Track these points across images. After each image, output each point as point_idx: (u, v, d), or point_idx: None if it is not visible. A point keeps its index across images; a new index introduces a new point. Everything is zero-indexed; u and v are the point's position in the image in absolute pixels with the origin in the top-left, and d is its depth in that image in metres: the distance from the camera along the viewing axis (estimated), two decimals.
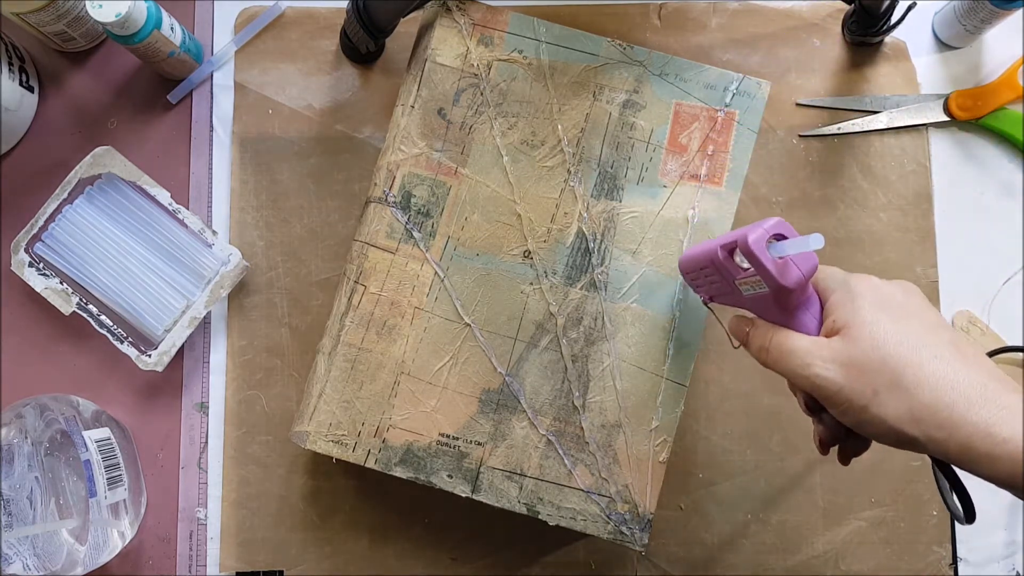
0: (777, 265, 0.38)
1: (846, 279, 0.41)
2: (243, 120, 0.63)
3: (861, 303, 0.39)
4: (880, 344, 0.37)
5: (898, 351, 0.37)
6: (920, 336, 0.38)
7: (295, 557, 0.59)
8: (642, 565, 0.59)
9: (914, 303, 0.40)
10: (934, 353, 0.37)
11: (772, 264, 0.38)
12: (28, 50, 0.64)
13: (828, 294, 0.41)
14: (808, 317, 0.41)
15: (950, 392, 0.36)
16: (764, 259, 0.38)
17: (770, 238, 0.39)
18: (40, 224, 0.59)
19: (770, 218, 0.39)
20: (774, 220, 0.39)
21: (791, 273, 0.38)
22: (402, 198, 0.53)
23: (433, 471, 0.51)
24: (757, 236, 0.38)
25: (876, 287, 0.40)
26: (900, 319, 0.38)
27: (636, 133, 0.53)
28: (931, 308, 0.40)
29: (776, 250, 0.38)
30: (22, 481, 0.52)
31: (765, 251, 0.38)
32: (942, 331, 0.39)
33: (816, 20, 0.64)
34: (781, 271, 0.38)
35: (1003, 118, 0.62)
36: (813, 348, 0.39)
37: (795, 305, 0.40)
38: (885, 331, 0.38)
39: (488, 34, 0.54)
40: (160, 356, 0.58)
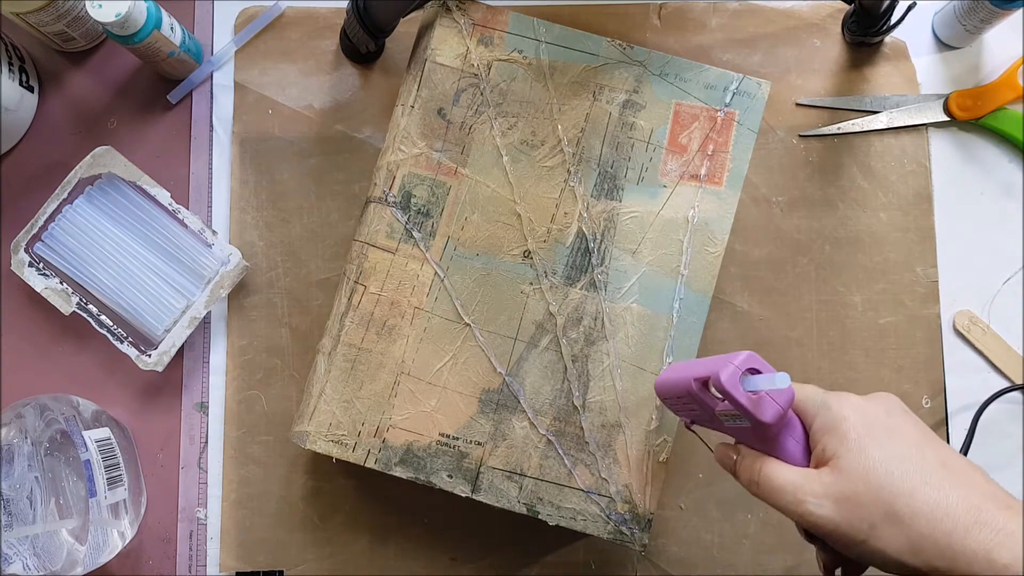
0: (752, 401, 0.38)
1: (826, 400, 0.40)
2: (243, 120, 0.63)
3: (846, 429, 0.38)
4: (871, 475, 0.37)
5: (889, 480, 0.37)
6: (909, 460, 0.37)
7: (295, 557, 0.59)
8: (642, 565, 0.59)
9: (897, 421, 0.39)
10: (924, 479, 0.36)
11: (748, 400, 0.38)
12: (28, 50, 0.64)
13: (810, 419, 0.40)
14: (792, 443, 0.40)
15: (945, 520, 0.35)
16: (740, 397, 0.38)
17: (743, 373, 0.38)
18: (40, 224, 0.59)
19: (740, 352, 0.39)
20: (744, 355, 0.38)
21: (768, 408, 0.38)
22: (402, 198, 0.53)
23: (433, 471, 0.51)
24: (729, 374, 0.38)
25: (858, 408, 0.39)
26: (886, 442, 0.38)
27: (636, 133, 0.53)
28: (914, 422, 0.40)
29: (750, 385, 0.38)
30: (22, 481, 0.52)
31: (739, 388, 0.38)
32: (930, 450, 0.38)
33: (816, 20, 0.64)
34: (758, 406, 0.38)
35: (1003, 118, 0.62)
36: (803, 483, 0.38)
37: (776, 434, 0.40)
38: (874, 460, 0.37)
39: (488, 34, 0.54)
40: (160, 356, 0.58)
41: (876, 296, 0.61)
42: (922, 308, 0.61)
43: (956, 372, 0.61)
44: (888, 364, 0.61)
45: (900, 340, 0.61)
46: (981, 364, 0.61)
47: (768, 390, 0.38)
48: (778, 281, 0.62)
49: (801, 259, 0.62)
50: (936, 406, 0.61)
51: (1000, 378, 0.61)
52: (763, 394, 0.38)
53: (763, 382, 0.37)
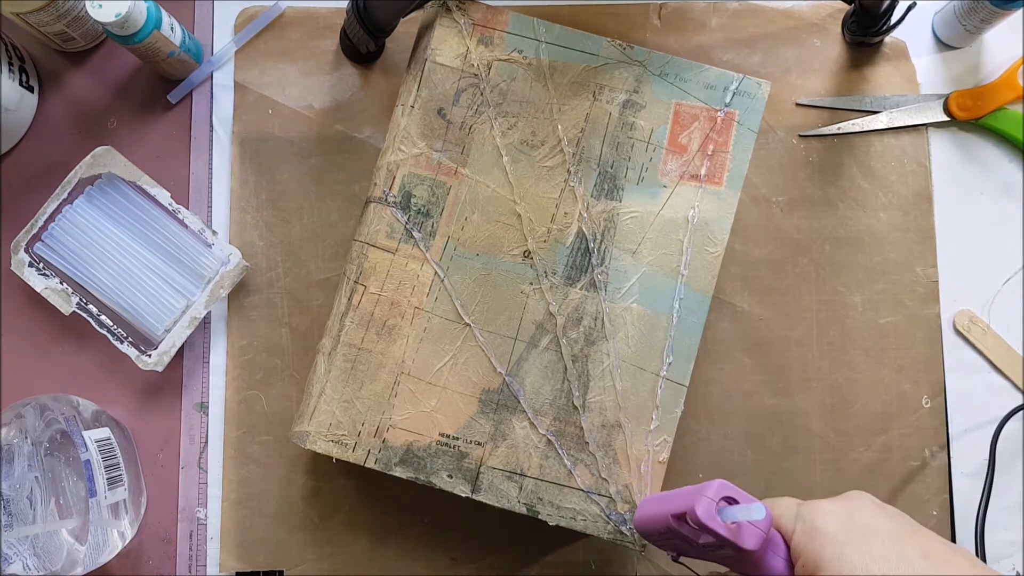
0: (733, 531, 0.38)
1: (800, 513, 0.41)
2: (243, 120, 0.63)
3: (823, 541, 0.39)
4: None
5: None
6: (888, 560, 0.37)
7: (295, 557, 0.59)
8: (642, 565, 0.59)
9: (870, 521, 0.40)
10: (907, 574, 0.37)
11: (728, 531, 0.38)
12: (28, 50, 0.64)
13: (788, 533, 0.41)
14: (777, 561, 0.40)
15: None
16: (719, 529, 0.38)
17: (719, 503, 0.39)
18: (40, 224, 0.59)
19: (711, 483, 0.39)
20: (716, 484, 0.39)
21: (749, 535, 0.38)
22: (402, 198, 0.53)
23: (433, 471, 0.51)
24: (705, 509, 0.38)
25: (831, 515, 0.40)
26: (863, 546, 0.38)
27: (636, 133, 0.53)
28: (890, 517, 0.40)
29: (728, 515, 0.38)
30: (22, 481, 0.52)
31: (717, 521, 0.38)
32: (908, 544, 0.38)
33: (816, 20, 0.64)
34: (739, 535, 0.38)
35: (1003, 118, 0.62)
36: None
37: (760, 556, 0.40)
38: (854, 566, 0.37)
39: (488, 34, 0.54)
40: (160, 356, 0.58)
41: (876, 296, 0.61)
42: (922, 308, 0.61)
43: (956, 372, 0.61)
44: (888, 364, 0.61)
45: (900, 340, 0.61)
46: (981, 364, 0.61)
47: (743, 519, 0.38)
48: (778, 281, 0.62)
49: (801, 259, 0.62)
50: (936, 406, 0.61)
51: (1000, 378, 0.61)
52: (741, 524, 0.38)
53: (740, 513, 0.38)
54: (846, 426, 0.60)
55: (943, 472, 0.60)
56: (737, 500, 0.39)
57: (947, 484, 0.60)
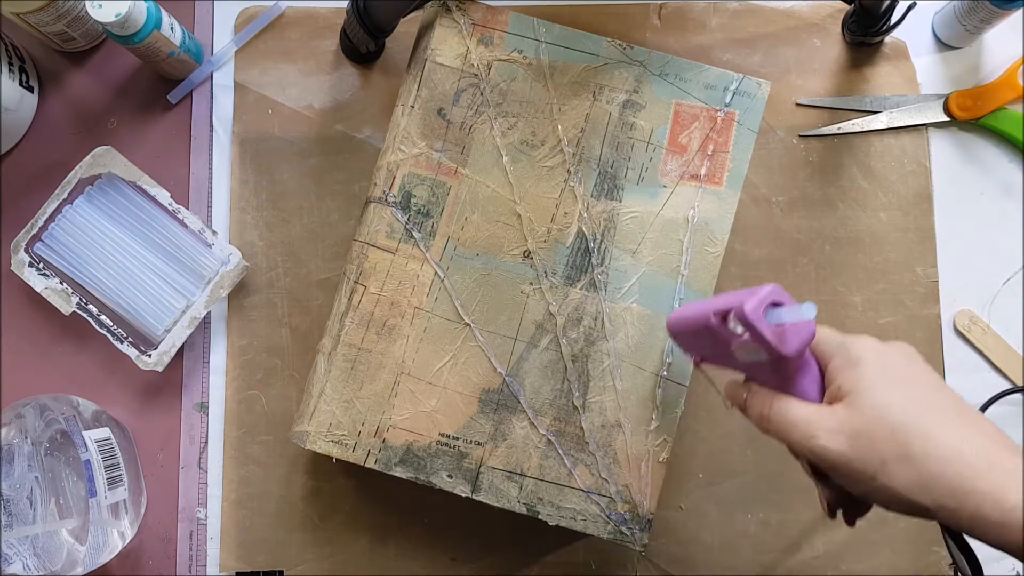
0: (776, 333, 0.37)
1: (844, 342, 0.40)
2: (243, 120, 0.63)
3: (864, 370, 0.39)
4: (886, 413, 0.37)
5: (905, 420, 0.37)
6: (925, 404, 0.37)
7: (295, 557, 0.59)
8: (642, 565, 0.59)
9: (916, 368, 0.39)
10: (939, 421, 0.37)
11: (771, 333, 0.37)
12: (28, 50, 0.64)
13: (827, 359, 0.41)
14: (808, 382, 0.40)
15: (957, 461, 0.36)
16: (763, 329, 0.37)
17: (767, 306, 0.38)
18: (40, 224, 0.59)
19: (765, 285, 0.38)
20: (769, 287, 0.38)
21: (790, 341, 0.38)
22: (402, 198, 0.53)
23: (433, 471, 0.51)
24: (754, 305, 0.37)
25: (878, 351, 0.40)
26: (904, 386, 0.38)
27: (636, 133, 0.53)
28: (931, 372, 0.40)
29: (774, 318, 0.38)
30: (22, 481, 0.52)
31: (763, 320, 0.37)
32: (945, 396, 0.38)
33: (816, 20, 0.64)
34: (780, 339, 0.38)
35: (1003, 118, 0.62)
36: (817, 418, 0.38)
37: (793, 371, 0.40)
38: (890, 399, 0.37)
39: (488, 34, 0.54)
40: (160, 356, 0.58)
41: (876, 296, 0.61)
42: (922, 308, 0.61)
43: (956, 372, 0.61)
44: None
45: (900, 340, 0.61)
46: (981, 364, 0.61)
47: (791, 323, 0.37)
48: (778, 281, 0.62)
49: (801, 259, 0.62)
50: None
51: (1000, 378, 0.61)
52: (786, 327, 0.37)
53: (788, 314, 0.37)
54: None
55: None
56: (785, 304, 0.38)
57: None
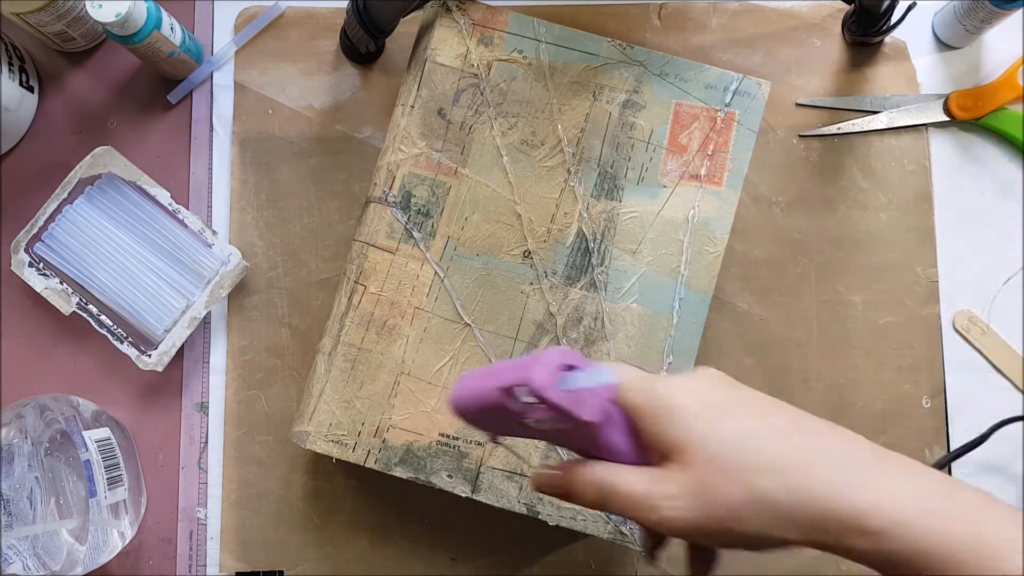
0: (572, 400, 0.33)
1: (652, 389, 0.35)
2: (243, 120, 0.63)
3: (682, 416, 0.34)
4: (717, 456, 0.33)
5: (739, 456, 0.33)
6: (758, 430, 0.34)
7: (295, 557, 0.59)
8: (642, 565, 0.59)
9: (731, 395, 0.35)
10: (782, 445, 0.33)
11: (567, 401, 0.33)
12: (28, 50, 0.64)
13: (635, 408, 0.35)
14: (619, 438, 0.35)
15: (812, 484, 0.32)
16: (559, 400, 0.33)
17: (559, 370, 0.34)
18: (40, 224, 0.59)
19: (549, 349, 0.35)
20: (557, 352, 0.34)
21: (590, 406, 0.33)
22: (402, 198, 0.53)
23: (433, 471, 0.51)
24: (544, 377, 0.33)
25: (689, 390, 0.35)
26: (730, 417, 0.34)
27: (636, 133, 0.53)
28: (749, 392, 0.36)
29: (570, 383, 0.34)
30: (22, 481, 0.52)
31: (557, 391, 0.33)
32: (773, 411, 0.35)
33: (816, 20, 0.64)
34: (578, 406, 0.33)
35: (1003, 118, 0.62)
36: (654, 487, 0.34)
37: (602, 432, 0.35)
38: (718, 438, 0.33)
39: (488, 34, 0.54)
40: (160, 356, 0.58)
41: (876, 296, 0.61)
42: (922, 308, 0.61)
43: (956, 372, 0.61)
44: (888, 364, 0.61)
45: (900, 340, 0.61)
46: (981, 364, 0.61)
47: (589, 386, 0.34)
48: (778, 281, 0.62)
49: (801, 259, 0.62)
50: (936, 406, 0.61)
51: (1000, 378, 0.61)
52: (582, 392, 0.34)
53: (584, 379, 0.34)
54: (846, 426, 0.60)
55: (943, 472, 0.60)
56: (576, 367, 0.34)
57: None
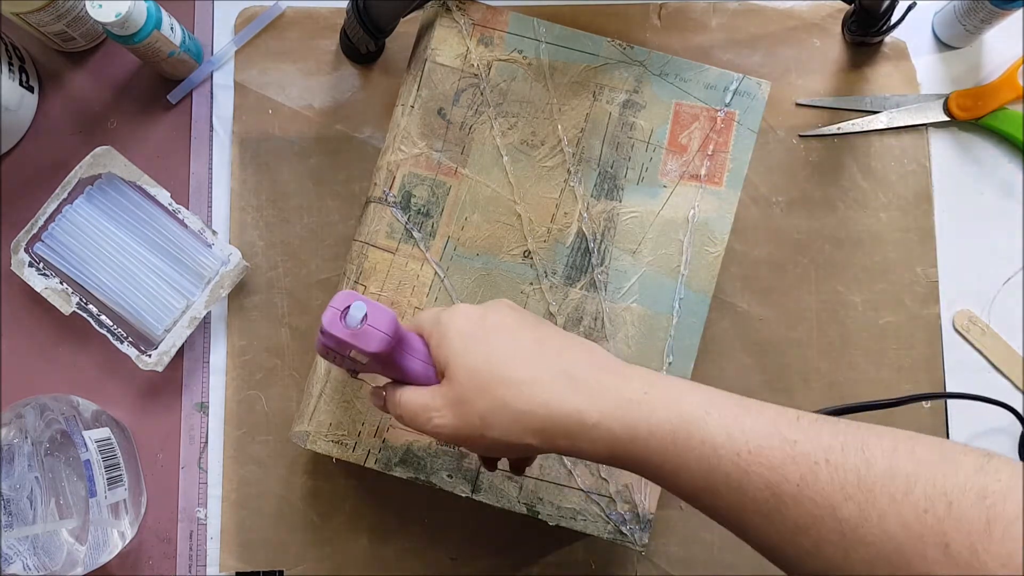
0: (355, 335, 0.39)
1: (439, 318, 0.41)
2: (243, 120, 0.63)
3: (452, 337, 0.40)
4: (473, 373, 0.38)
5: (488, 371, 0.38)
6: (505, 348, 0.39)
7: (295, 557, 0.59)
8: (642, 565, 0.59)
9: (498, 319, 0.40)
10: (521, 359, 0.38)
11: (350, 336, 0.39)
12: (28, 50, 0.64)
13: (428, 336, 0.42)
14: (416, 363, 0.42)
15: (541, 392, 0.37)
16: (341, 334, 0.39)
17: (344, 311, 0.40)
18: (40, 224, 0.59)
19: (338, 293, 0.40)
20: (341, 295, 0.40)
21: (371, 338, 0.39)
22: (402, 198, 0.53)
23: (433, 471, 0.51)
24: (329, 317, 0.40)
25: (465, 315, 0.41)
26: (486, 339, 0.39)
27: (636, 133, 0.53)
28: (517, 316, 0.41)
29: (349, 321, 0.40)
30: (22, 481, 0.52)
31: (340, 327, 0.40)
32: (524, 332, 0.40)
33: (816, 20, 0.64)
34: (362, 339, 0.39)
35: (1003, 118, 0.62)
36: (429, 401, 0.40)
37: (395, 359, 0.41)
38: (474, 357, 0.39)
39: (488, 34, 0.54)
40: (160, 356, 0.58)
41: (876, 296, 0.61)
42: (922, 308, 0.61)
43: (956, 372, 0.61)
44: (888, 364, 0.61)
45: (900, 340, 0.61)
46: (981, 364, 0.61)
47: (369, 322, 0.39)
48: (778, 281, 0.62)
49: (801, 259, 0.62)
50: (936, 406, 0.60)
51: (1000, 378, 0.61)
52: (366, 327, 0.39)
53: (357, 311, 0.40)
54: None
55: None
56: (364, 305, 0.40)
57: None
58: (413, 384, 0.42)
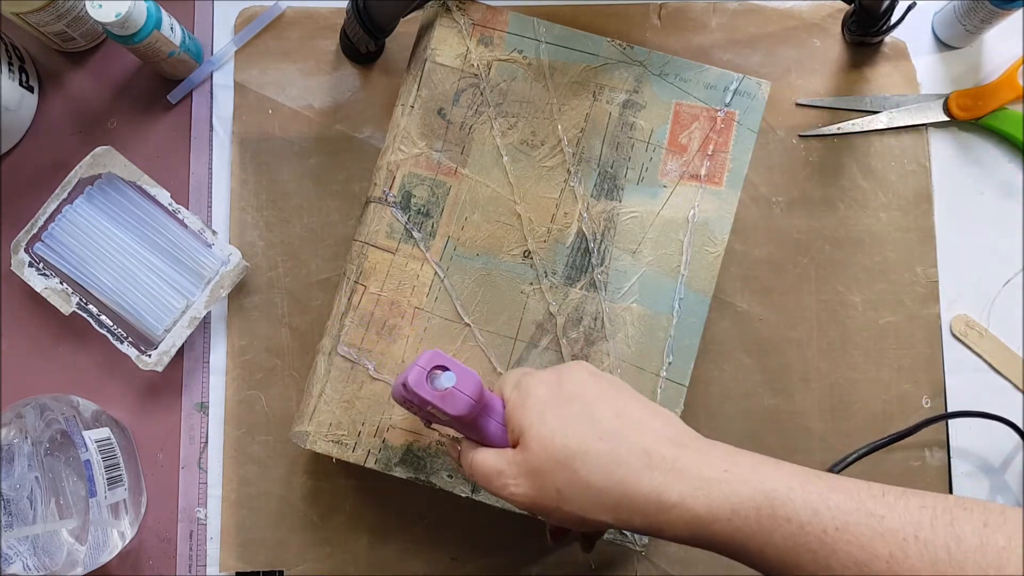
0: (441, 398, 0.40)
1: (518, 381, 0.41)
2: (243, 120, 0.63)
3: (530, 404, 0.40)
4: (549, 444, 0.38)
5: (564, 444, 0.37)
6: (583, 420, 0.38)
7: (295, 557, 0.59)
8: (642, 565, 0.59)
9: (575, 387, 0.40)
10: (598, 433, 0.37)
11: (437, 398, 0.40)
12: (28, 50, 0.64)
13: (506, 400, 0.42)
14: (494, 425, 0.42)
15: (618, 469, 0.36)
16: (427, 396, 0.40)
17: (433, 370, 0.40)
18: (40, 224, 0.59)
19: (424, 352, 0.41)
20: (428, 355, 0.41)
21: (457, 402, 0.40)
22: (402, 198, 0.53)
23: (433, 471, 0.51)
24: (415, 377, 0.40)
25: (542, 382, 0.41)
26: (563, 408, 0.39)
27: (636, 133, 0.53)
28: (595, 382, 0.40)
29: (441, 382, 0.40)
30: (22, 481, 0.52)
31: (426, 388, 0.40)
32: (603, 405, 0.39)
33: (816, 20, 0.64)
34: (447, 402, 0.40)
35: (1003, 118, 0.62)
36: (504, 467, 0.40)
37: (474, 421, 0.41)
38: (551, 428, 0.38)
39: (488, 34, 0.54)
40: (160, 356, 0.58)
41: (876, 296, 0.61)
42: (922, 308, 0.61)
43: (956, 372, 0.61)
44: (888, 364, 0.61)
45: (900, 340, 0.61)
46: (981, 364, 0.61)
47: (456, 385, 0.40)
48: (778, 281, 0.62)
49: (801, 259, 0.62)
50: (936, 406, 0.61)
51: (1000, 378, 0.61)
52: (452, 390, 0.40)
53: (446, 379, 0.40)
54: (846, 426, 0.60)
55: (943, 472, 0.60)
56: (449, 367, 0.40)
57: (947, 484, 0.60)
58: (489, 444, 0.42)
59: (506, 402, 0.42)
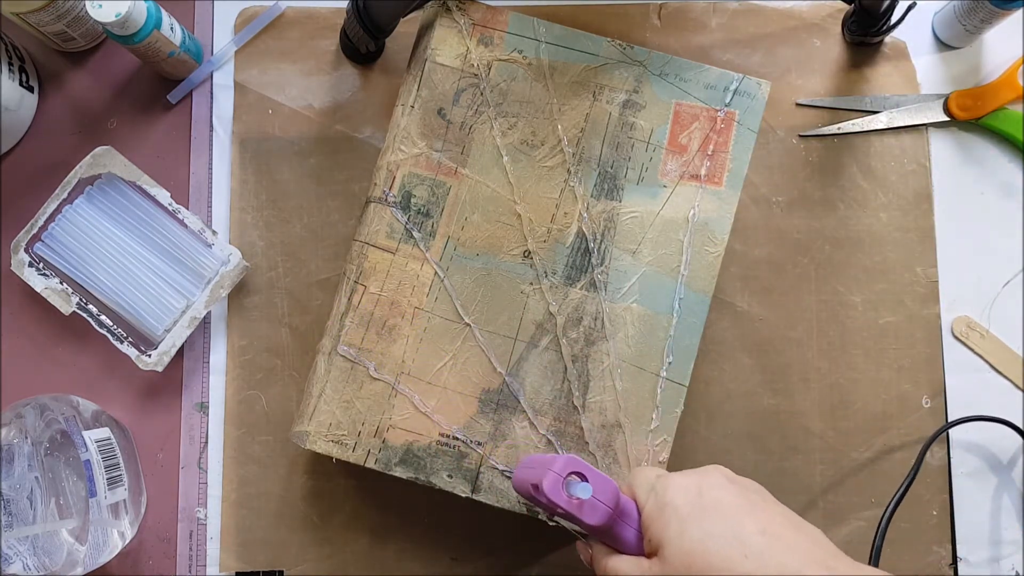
0: (577, 506, 0.39)
1: (654, 485, 0.41)
2: (243, 120, 0.63)
3: (669, 515, 0.39)
4: (691, 559, 0.37)
5: (708, 562, 0.36)
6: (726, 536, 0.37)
7: (295, 557, 0.59)
8: None
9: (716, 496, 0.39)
10: (743, 551, 0.37)
11: (572, 507, 0.39)
12: (28, 50, 0.64)
13: (641, 505, 0.41)
14: (629, 532, 0.41)
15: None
16: (563, 504, 0.39)
17: (569, 476, 0.39)
18: (40, 224, 0.59)
19: (559, 457, 0.40)
20: (564, 460, 0.39)
21: (594, 511, 0.39)
22: (402, 198, 0.53)
23: (433, 471, 0.51)
24: (551, 483, 0.39)
25: (680, 490, 0.40)
26: (704, 521, 0.38)
27: (636, 133, 0.53)
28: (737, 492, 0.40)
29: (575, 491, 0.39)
30: (22, 481, 0.52)
31: (562, 496, 0.39)
32: (748, 520, 0.38)
33: (816, 20, 0.64)
34: (583, 511, 0.39)
35: (1003, 118, 0.62)
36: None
37: (611, 525, 0.40)
38: (692, 542, 0.37)
39: (488, 34, 0.54)
40: (160, 356, 0.58)
41: (876, 296, 0.61)
42: (922, 308, 0.61)
43: (956, 372, 0.61)
44: (888, 364, 0.61)
45: (900, 340, 0.61)
46: (981, 364, 0.61)
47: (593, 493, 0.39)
48: (778, 281, 0.62)
49: (801, 259, 0.62)
50: (936, 406, 0.61)
51: (1000, 378, 0.61)
52: (592, 498, 0.39)
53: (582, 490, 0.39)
54: (846, 426, 0.60)
55: (943, 472, 0.60)
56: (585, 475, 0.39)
57: (947, 484, 0.60)
58: (623, 550, 0.41)
59: (641, 507, 0.41)
